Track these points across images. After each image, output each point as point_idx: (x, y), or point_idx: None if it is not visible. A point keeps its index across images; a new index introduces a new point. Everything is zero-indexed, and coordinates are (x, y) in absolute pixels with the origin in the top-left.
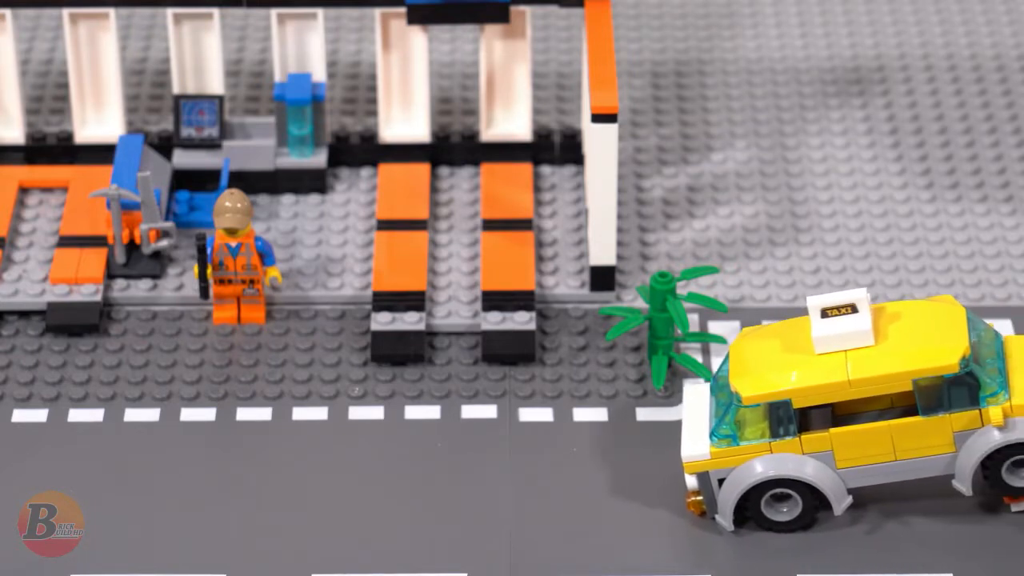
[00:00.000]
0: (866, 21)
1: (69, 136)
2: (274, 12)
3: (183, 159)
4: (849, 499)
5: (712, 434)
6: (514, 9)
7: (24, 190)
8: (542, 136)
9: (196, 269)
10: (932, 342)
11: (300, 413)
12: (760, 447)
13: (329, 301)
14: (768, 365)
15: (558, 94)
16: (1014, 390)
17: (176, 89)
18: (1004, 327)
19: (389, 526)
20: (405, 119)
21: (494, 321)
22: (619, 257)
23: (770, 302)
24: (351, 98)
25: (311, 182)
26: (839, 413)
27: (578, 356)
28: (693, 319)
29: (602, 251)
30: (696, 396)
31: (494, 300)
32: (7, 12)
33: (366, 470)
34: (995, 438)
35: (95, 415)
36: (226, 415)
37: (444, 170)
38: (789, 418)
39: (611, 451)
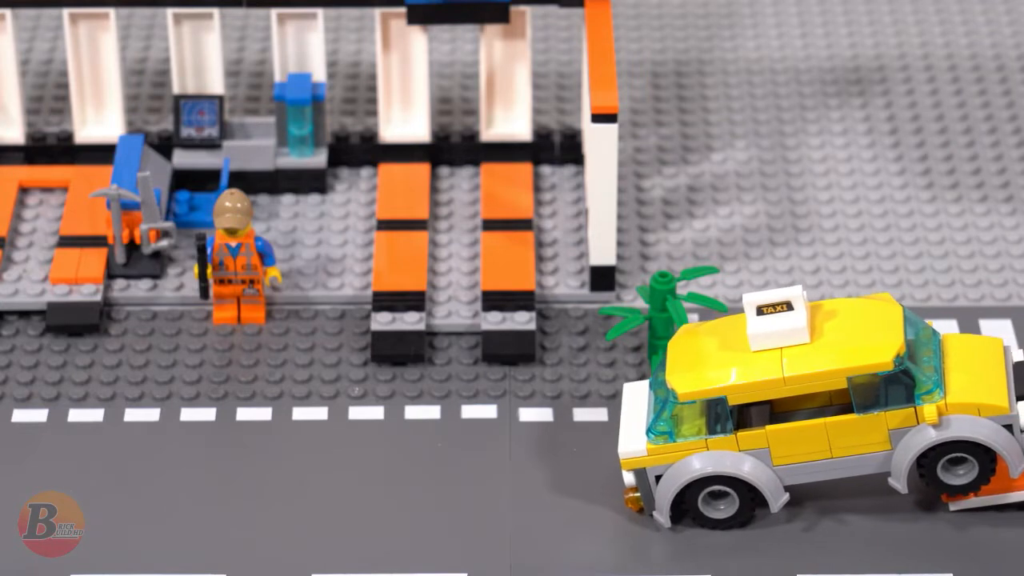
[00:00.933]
0: (866, 21)
1: (69, 136)
2: (274, 12)
3: (183, 159)
4: (786, 496)
5: (649, 431)
6: (514, 9)
7: (24, 190)
8: (542, 136)
9: (196, 269)
10: (867, 340)
11: (300, 413)
12: (696, 444)
13: (329, 301)
14: (704, 362)
15: (558, 94)
16: (950, 388)
17: (176, 89)
18: (1004, 327)
19: (389, 526)
20: (405, 119)
21: (494, 321)
22: (619, 257)
23: None
24: (351, 98)
25: (311, 182)
26: (778, 410)
27: (578, 356)
28: (693, 319)
29: (602, 251)
30: (635, 393)
31: (494, 300)
32: (7, 12)
33: (366, 470)
34: (930, 436)
35: (95, 415)
36: (226, 415)
37: (444, 170)
38: (725, 415)
39: (611, 451)
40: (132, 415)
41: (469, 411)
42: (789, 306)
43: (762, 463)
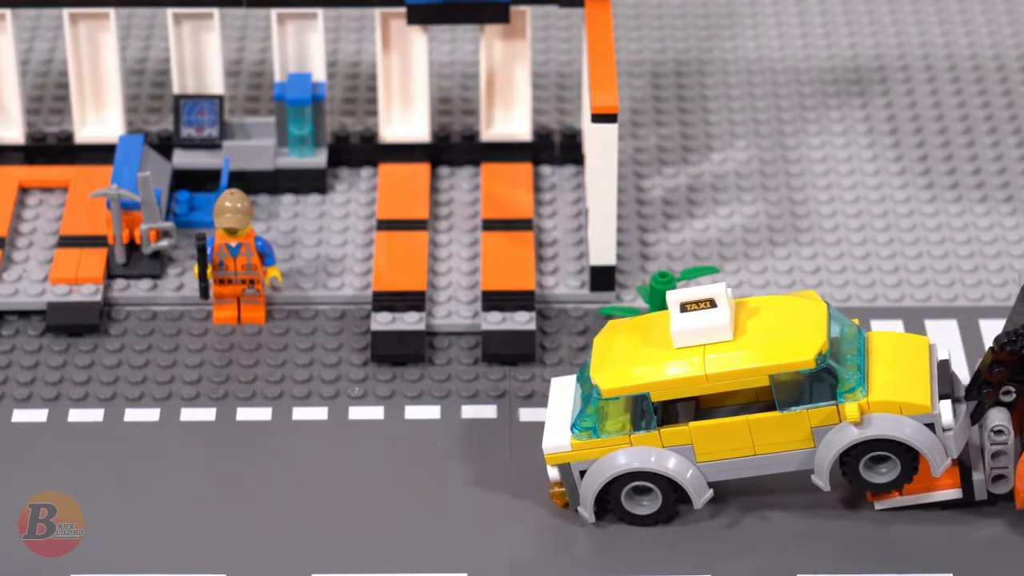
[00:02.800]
0: (866, 21)
1: (69, 136)
2: (274, 12)
3: (183, 159)
4: (709, 493)
5: (573, 426)
6: (514, 9)
7: (24, 190)
8: (542, 136)
9: (196, 269)
10: (790, 337)
11: (300, 413)
12: (620, 440)
13: (329, 301)
14: (628, 359)
15: (558, 94)
16: (872, 387)
17: (176, 89)
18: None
19: (389, 526)
20: (405, 119)
21: (494, 321)
22: (619, 257)
23: None
24: (351, 98)
25: (311, 182)
26: (705, 407)
27: (578, 356)
28: None
29: (602, 251)
30: (562, 388)
31: (494, 300)
32: (7, 12)
33: (366, 470)
34: (851, 434)
35: (95, 415)
36: (226, 415)
37: (444, 170)
38: (649, 412)
39: None
40: (132, 415)
41: (469, 411)
42: (712, 303)
43: (686, 460)
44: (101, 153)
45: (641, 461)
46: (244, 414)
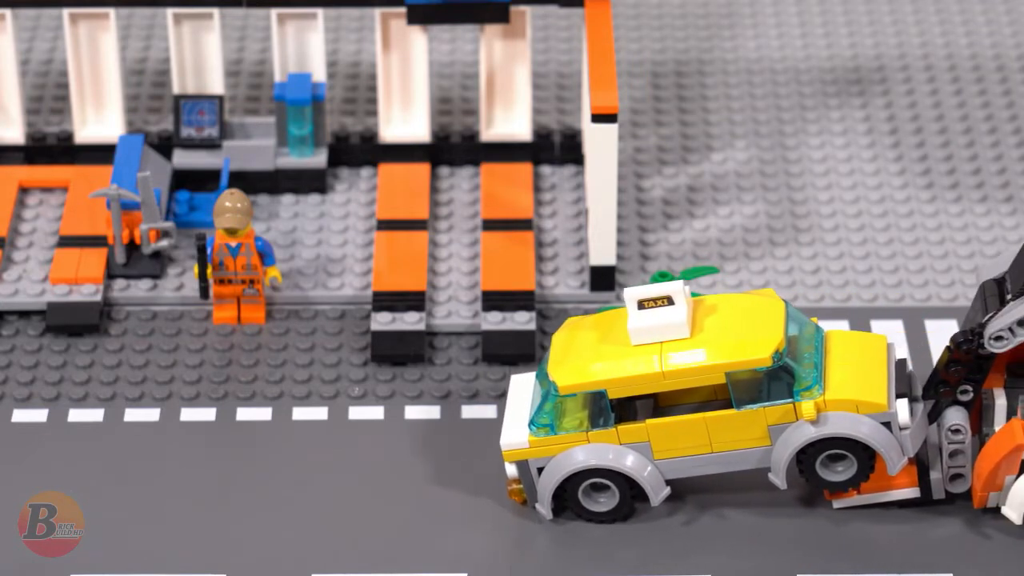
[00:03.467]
0: (866, 21)
1: (69, 136)
2: (274, 12)
3: (183, 159)
4: (667, 490)
5: (531, 423)
6: (514, 9)
7: (24, 190)
8: (542, 136)
9: (196, 269)
10: (747, 335)
11: (300, 413)
12: (577, 437)
13: (329, 301)
14: (585, 356)
15: (558, 94)
16: (829, 385)
17: (176, 89)
18: None
19: (389, 526)
20: (405, 119)
21: (494, 321)
22: (619, 257)
23: None
24: (351, 98)
25: (311, 182)
26: (664, 404)
27: None
28: None
29: (602, 251)
30: (521, 385)
31: (494, 300)
32: (7, 12)
33: (366, 470)
34: (808, 432)
35: (95, 415)
36: (226, 415)
37: (444, 170)
38: (606, 409)
39: None
40: (132, 415)
41: (469, 411)
42: (670, 300)
43: (643, 457)
44: (101, 153)
45: (598, 458)
46: (244, 414)
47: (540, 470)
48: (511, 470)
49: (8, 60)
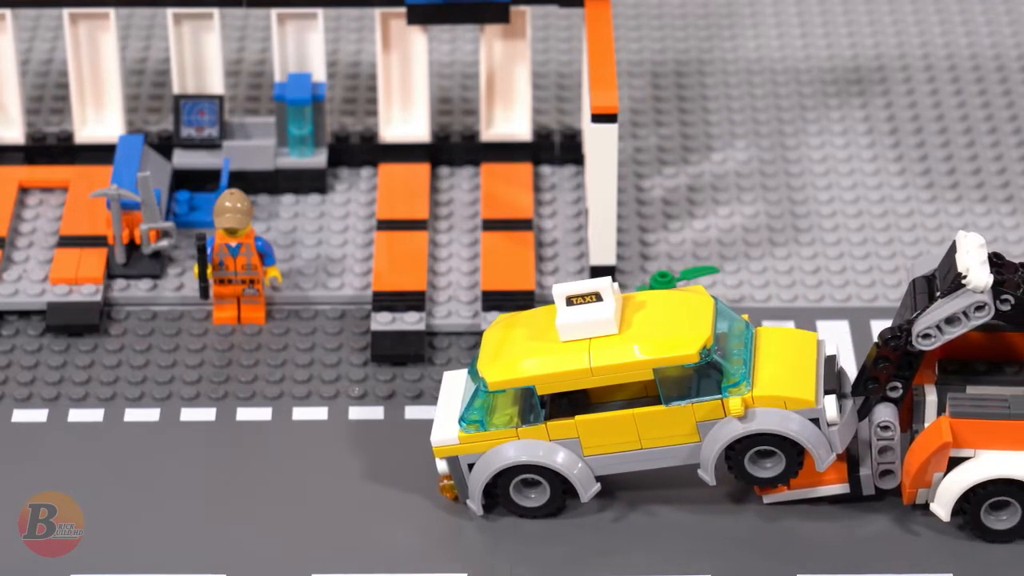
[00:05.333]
0: (866, 21)
1: (69, 136)
2: (274, 12)
3: (183, 159)
4: (597, 486)
5: (461, 419)
6: (514, 9)
7: (24, 190)
8: (542, 136)
9: (196, 269)
10: (675, 331)
11: (300, 413)
12: (507, 433)
13: (329, 301)
14: (514, 352)
15: (558, 94)
16: (757, 381)
17: (176, 89)
18: None
19: (389, 526)
20: (405, 119)
21: None
22: (619, 257)
23: (770, 302)
24: (351, 98)
25: (311, 182)
26: (596, 400)
27: None
28: None
29: (602, 251)
30: (453, 381)
31: (494, 300)
32: (7, 12)
33: (366, 470)
34: (735, 428)
35: (95, 415)
36: (226, 415)
37: (444, 170)
38: (536, 405)
39: None
40: (132, 415)
41: None
42: (598, 297)
43: (574, 453)
44: (101, 153)
45: (529, 454)
46: (244, 414)
47: (471, 466)
48: (441, 466)
49: (8, 60)
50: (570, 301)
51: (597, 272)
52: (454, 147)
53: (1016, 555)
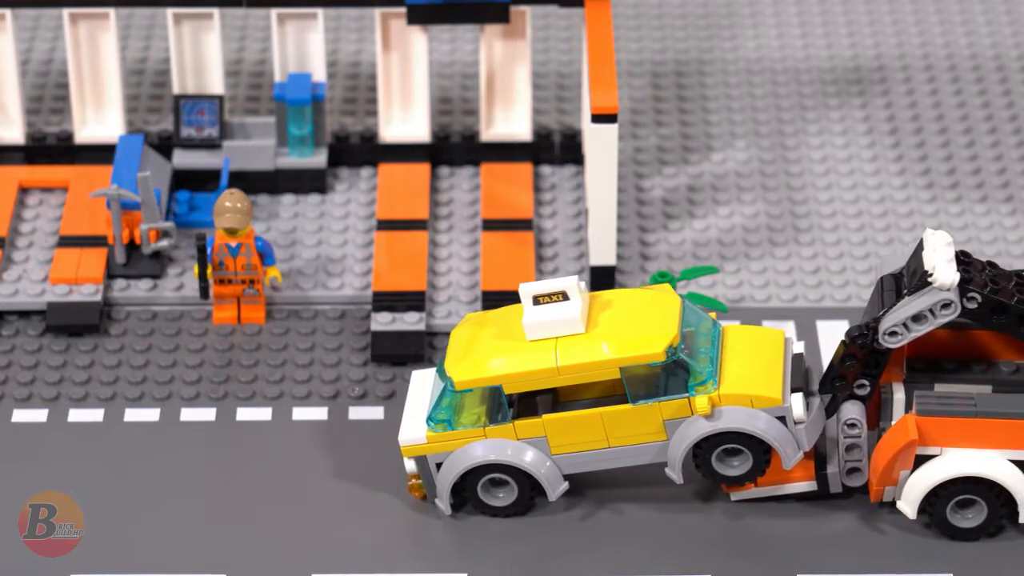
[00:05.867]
0: (866, 21)
1: (69, 136)
2: (274, 12)
3: (183, 159)
4: (565, 485)
5: (428, 419)
6: (514, 9)
7: (24, 190)
8: (542, 136)
9: (196, 269)
10: (641, 330)
11: (300, 413)
12: (475, 432)
13: (329, 301)
14: (481, 351)
15: (558, 94)
16: (724, 379)
17: (176, 89)
18: None
19: (389, 526)
20: (405, 119)
21: None
22: (619, 257)
23: (770, 302)
24: (351, 98)
25: (311, 182)
26: (564, 399)
27: None
28: None
29: (602, 251)
30: (422, 381)
31: (494, 300)
32: (7, 12)
33: (366, 470)
34: (702, 427)
35: (95, 415)
36: (226, 415)
37: (444, 170)
38: (503, 404)
39: None
40: (132, 415)
41: None
42: (565, 296)
43: (542, 452)
44: (101, 153)
45: (497, 453)
46: (244, 414)
47: (439, 465)
48: (410, 466)
49: (8, 60)
50: (537, 300)
51: (598, 272)
52: (454, 147)
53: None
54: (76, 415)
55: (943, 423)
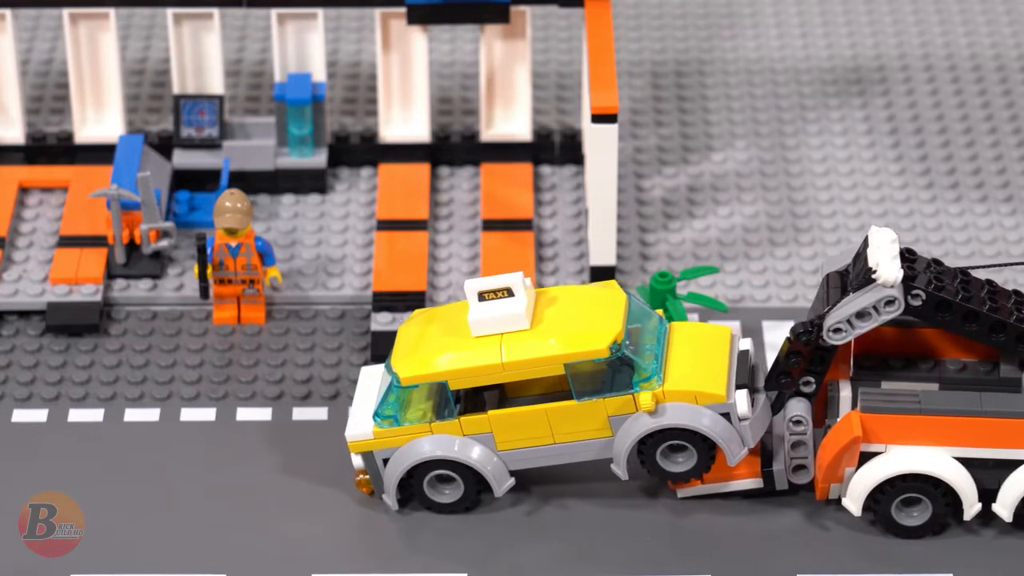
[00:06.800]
0: (866, 21)
1: (69, 136)
2: (274, 12)
3: (183, 159)
4: (511, 481)
5: (375, 414)
6: (514, 9)
7: (24, 190)
8: (542, 136)
9: (196, 269)
10: (586, 326)
11: (300, 413)
12: (421, 428)
13: (329, 301)
14: (427, 347)
15: (558, 94)
16: (668, 376)
17: (176, 89)
18: None
19: (389, 526)
20: (405, 119)
21: None
22: (619, 257)
23: (770, 302)
24: (351, 98)
25: (311, 182)
26: (512, 395)
27: None
28: (693, 319)
29: (602, 251)
30: (370, 376)
31: None
32: (7, 12)
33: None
34: (646, 423)
35: (95, 415)
36: (226, 415)
37: (444, 170)
38: (449, 400)
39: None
40: (132, 415)
41: None
42: (510, 292)
43: (488, 448)
44: (101, 153)
45: (443, 449)
46: (244, 414)
47: (386, 461)
48: (357, 461)
49: (8, 60)
50: (482, 297)
51: (597, 272)
52: (454, 147)
53: (1017, 555)
54: (76, 415)
55: (887, 420)
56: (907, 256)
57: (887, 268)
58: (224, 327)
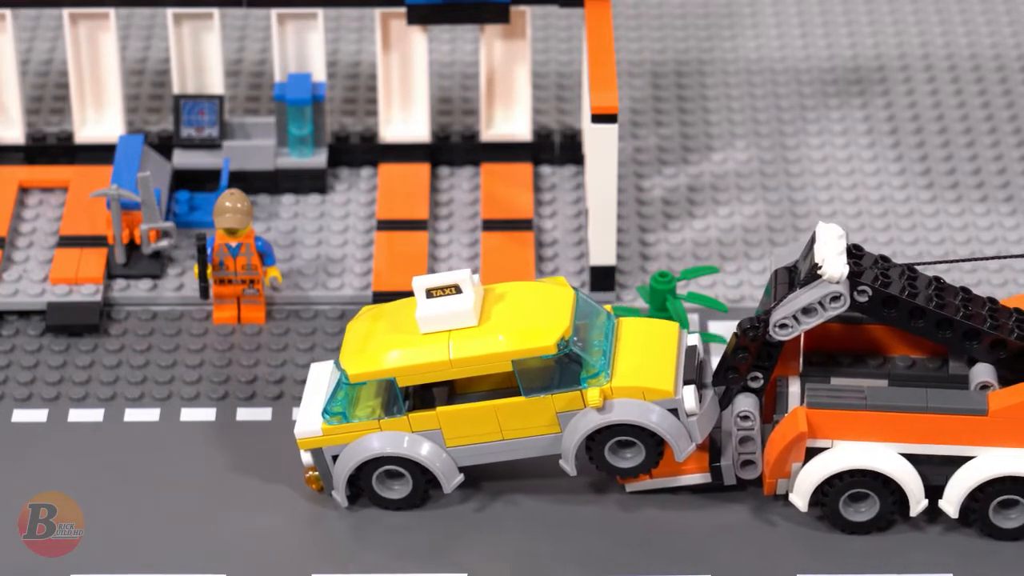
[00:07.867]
0: (866, 21)
1: (69, 136)
2: (274, 12)
3: (183, 159)
4: (460, 477)
5: (324, 411)
6: (514, 9)
7: (24, 190)
8: (542, 136)
9: (196, 269)
10: (533, 323)
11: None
12: (369, 425)
13: (329, 301)
14: (375, 344)
15: (558, 94)
16: (616, 372)
17: (176, 89)
18: None
19: (389, 526)
20: (405, 119)
21: None
22: (619, 257)
23: None
24: (351, 98)
25: (311, 182)
26: (461, 392)
27: None
28: (693, 319)
29: (602, 251)
30: (320, 373)
31: None
32: (7, 12)
33: None
34: (594, 419)
35: (95, 415)
36: (226, 415)
37: (444, 170)
38: (398, 397)
39: None
40: (132, 415)
41: None
42: (457, 289)
43: (436, 445)
44: (101, 153)
45: (392, 446)
46: (244, 414)
47: (335, 458)
48: (306, 458)
49: (8, 60)
50: (430, 293)
51: (598, 272)
52: (454, 147)
53: (1017, 555)
54: (76, 415)
55: (833, 416)
56: (854, 252)
57: (833, 264)
58: (224, 327)
